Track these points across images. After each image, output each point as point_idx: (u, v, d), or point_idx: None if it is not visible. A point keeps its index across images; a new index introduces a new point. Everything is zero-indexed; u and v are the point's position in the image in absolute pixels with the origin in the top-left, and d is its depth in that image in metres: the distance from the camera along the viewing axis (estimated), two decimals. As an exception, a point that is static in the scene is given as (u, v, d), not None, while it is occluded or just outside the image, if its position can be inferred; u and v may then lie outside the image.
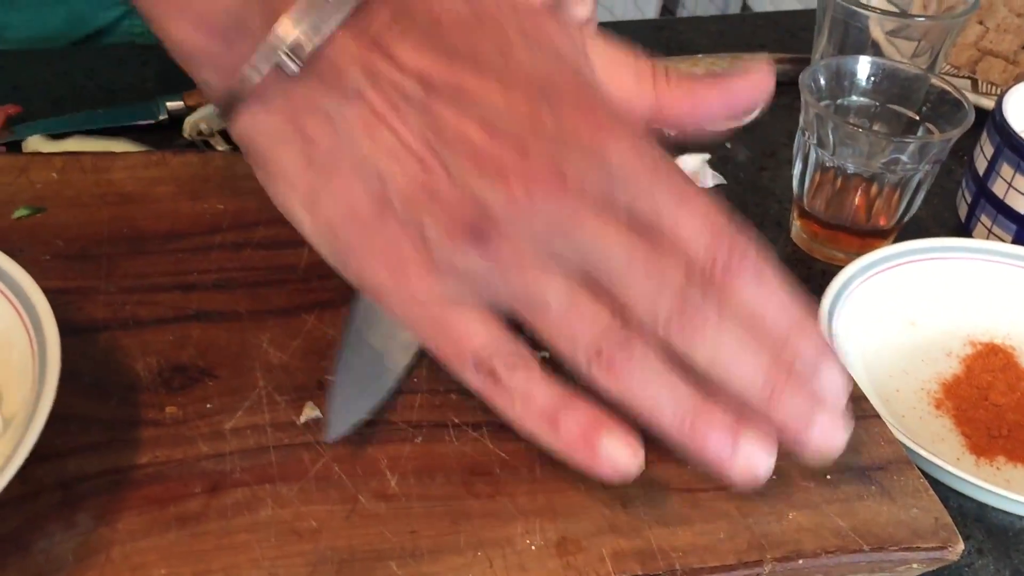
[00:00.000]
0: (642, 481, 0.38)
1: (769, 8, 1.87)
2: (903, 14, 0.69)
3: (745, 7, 1.94)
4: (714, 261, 0.34)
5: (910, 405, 0.49)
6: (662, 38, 0.82)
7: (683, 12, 2.24)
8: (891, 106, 0.59)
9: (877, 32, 0.65)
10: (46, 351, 0.35)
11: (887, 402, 0.49)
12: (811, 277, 0.58)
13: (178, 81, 0.46)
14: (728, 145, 0.69)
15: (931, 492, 0.40)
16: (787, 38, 0.84)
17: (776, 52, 0.78)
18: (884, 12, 0.67)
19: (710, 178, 0.66)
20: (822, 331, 0.36)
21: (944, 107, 0.57)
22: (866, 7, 0.65)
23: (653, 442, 0.35)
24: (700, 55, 0.76)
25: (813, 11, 0.70)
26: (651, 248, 0.34)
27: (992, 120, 0.58)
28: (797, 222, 0.61)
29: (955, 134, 0.54)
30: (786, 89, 0.77)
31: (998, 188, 0.57)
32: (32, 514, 0.34)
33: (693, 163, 0.67)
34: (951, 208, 0.64)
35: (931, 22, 0.65)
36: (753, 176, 0.67)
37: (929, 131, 0.58)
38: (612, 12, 2.24)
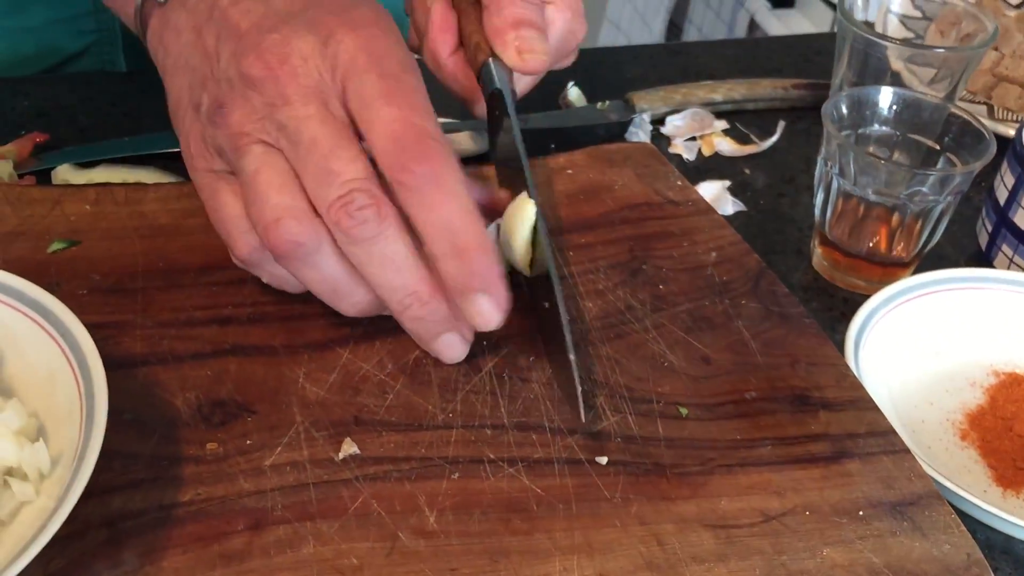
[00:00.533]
0: (676, 518, 0.39)
1: (776, 25, 1.87)
2: (921, 45, 0.69)
3: (753, 24, 1.94)
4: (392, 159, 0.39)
5: (936, 436, 0.50)
6: (678, 63, 0.83)
7: (690, 27, 2.25)
8: (912, 136, 0.60)
9: (896, 61, 0.66)
10: (93, 389, 0.36)
11: (913, 433, 0.49)
12: (833, 305, 0.59)
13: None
14: (747, 171, 0.70)
15: (962, 527, 0.40)
16: (802, 62, 0.84)
17: (792, 77, 0.78)
18: (903, 42, 0.67)
19: (730, 205, 0.66)
20: (486, 249, 0.40)
21: (965, 138, 0.57)
22: (884, 37, 0.66)
23: (686, 479, 0.35)
24: (715, 80, 0.76)
25: (827, 34, 0.71)
26: (341, 136, 0.39)
27: (1012, 151, 0.59)
28: (819, 250, 0.61)
29: (976, 167, 0.55)
30: (803, 115, 0.78)
31: (1019, 219, 0.58)
32: (78, 553, 0.35)
33: (713, 190, 0.67)
34: (970, 235, 0.65)
35: (949, 52, 0.65)
36: (772, 203, 0.67)
37: (950, 161, 0.58)
38: (619, 27, 2.25)
